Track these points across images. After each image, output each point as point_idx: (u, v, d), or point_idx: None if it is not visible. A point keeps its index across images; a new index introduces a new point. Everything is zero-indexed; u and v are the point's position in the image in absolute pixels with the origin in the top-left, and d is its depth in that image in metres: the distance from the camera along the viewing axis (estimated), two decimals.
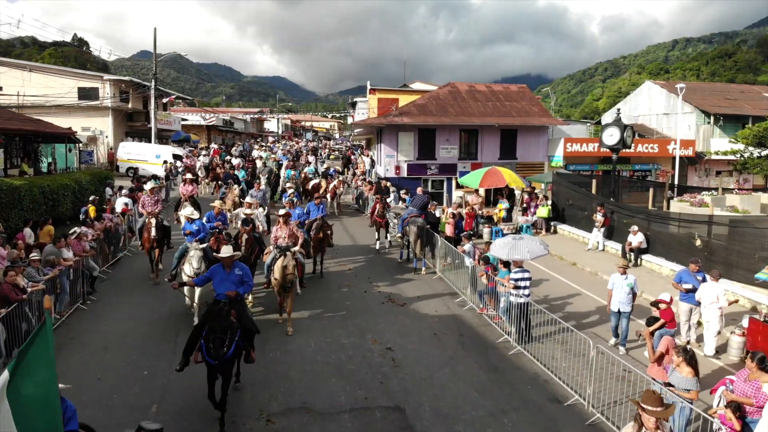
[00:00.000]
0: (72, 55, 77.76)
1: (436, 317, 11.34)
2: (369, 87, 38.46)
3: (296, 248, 10.94)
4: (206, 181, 26.57)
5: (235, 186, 19.80)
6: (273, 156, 31.83)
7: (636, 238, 15.58)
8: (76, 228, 11.84)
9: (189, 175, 18.66)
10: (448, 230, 15.95)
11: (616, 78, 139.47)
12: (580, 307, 12.47)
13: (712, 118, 33.18)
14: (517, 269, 10.08)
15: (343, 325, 10.69)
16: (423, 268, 14.76)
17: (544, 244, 10.34)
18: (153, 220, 12.55)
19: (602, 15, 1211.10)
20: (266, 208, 17.22)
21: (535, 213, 20.12)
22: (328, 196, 22.35)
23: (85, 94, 35.10)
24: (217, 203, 13.50)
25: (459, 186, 27.21)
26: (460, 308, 11.94)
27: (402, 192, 20.36)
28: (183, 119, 51.04)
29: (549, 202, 20.48)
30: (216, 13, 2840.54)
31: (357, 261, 15.57)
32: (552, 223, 20.33)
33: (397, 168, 27.79)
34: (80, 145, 29.60)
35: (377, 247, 16.97)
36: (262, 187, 19.18)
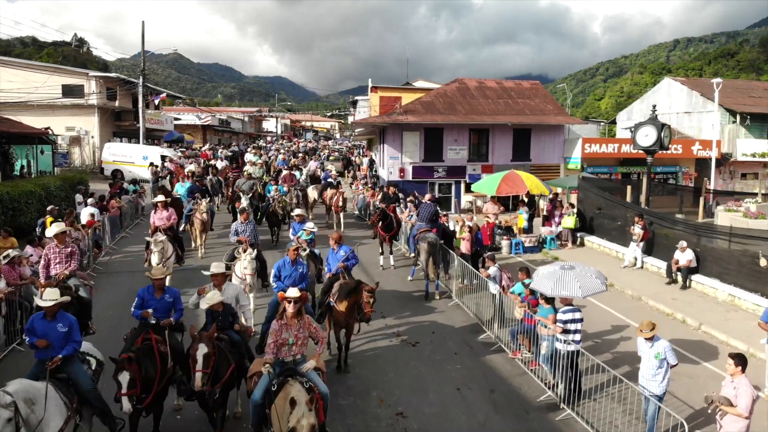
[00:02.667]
0: (71, 54, 75.47)
1: (458, 363, 9.10)
2: (370, 85, 36.40)
3: (310, 365, 5.97)
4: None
5: (203, 201, 14.75)
6: (260, 161, 25.48)
7: (684, 256, 13.32)
8: (9, 251, 9.52)
9: (161, 197, 13.09)
10: (464, 247, 13.66)
11: (618, 78, 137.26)
12: (630, 346, 10.17)
13: (738, 117, 30.93)
14: (567, 308, 7.84)
15: (341, 377, 8.46)
16: (436, 292, 12.57)
17: (601, 277, 8.06)
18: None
19: (604, 15, 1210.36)
20: (255, 249, 10.54)
21: (560, 223, 17.80)
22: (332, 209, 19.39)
23: (69, 91, 32.93)
24: (156, 271, 7.17)
25: (468, 190, 25.08)
26: (486, 348, 9.71)
27: (408, 199, 18.02)
28: (176, 118, 48.84)
29: (575, 211, 18.19)
30: (215, 13, 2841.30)
31: None
32: (578, 235, 18.01)
33: (402, 170, 25.74)
34: (59, 145, 27.43)
35: (381, 263, 14.80)
36: (250, 216, 12.29)
